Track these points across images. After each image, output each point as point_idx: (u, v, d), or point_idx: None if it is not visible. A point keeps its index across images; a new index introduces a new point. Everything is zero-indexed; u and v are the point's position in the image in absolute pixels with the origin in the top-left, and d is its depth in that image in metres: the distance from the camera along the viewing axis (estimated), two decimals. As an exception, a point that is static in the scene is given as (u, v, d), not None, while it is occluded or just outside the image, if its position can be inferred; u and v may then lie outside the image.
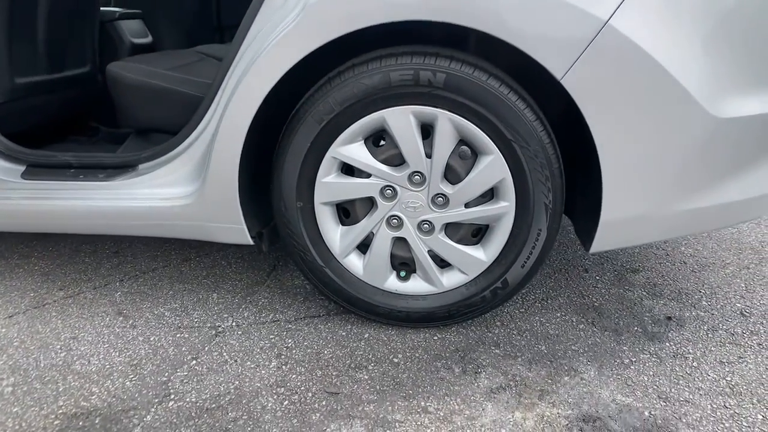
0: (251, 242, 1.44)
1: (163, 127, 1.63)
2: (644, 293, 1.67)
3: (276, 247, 1.94)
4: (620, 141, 1.18)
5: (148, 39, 2.34)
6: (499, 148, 1.25)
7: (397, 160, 1.32)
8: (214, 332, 1.48)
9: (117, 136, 2.06)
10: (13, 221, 1.55)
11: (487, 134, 1.24)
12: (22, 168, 1.56)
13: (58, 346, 1.43)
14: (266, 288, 1.71)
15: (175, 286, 1.72)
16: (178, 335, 1.47)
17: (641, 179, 1.22)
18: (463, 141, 1.29)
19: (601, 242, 1.32)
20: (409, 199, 1.33)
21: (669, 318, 1.53)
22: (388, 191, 1.33)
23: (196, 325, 1.52)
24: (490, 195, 1.34)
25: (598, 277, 1.76)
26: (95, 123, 2.31)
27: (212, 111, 1.38)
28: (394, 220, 1.36)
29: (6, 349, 1.42)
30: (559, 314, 1.56)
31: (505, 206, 1.30)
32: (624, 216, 1.26)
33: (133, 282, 1.75)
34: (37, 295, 1.67)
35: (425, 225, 1.36)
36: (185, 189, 1.43)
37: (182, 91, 1.56)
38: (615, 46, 1.11)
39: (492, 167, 1.27)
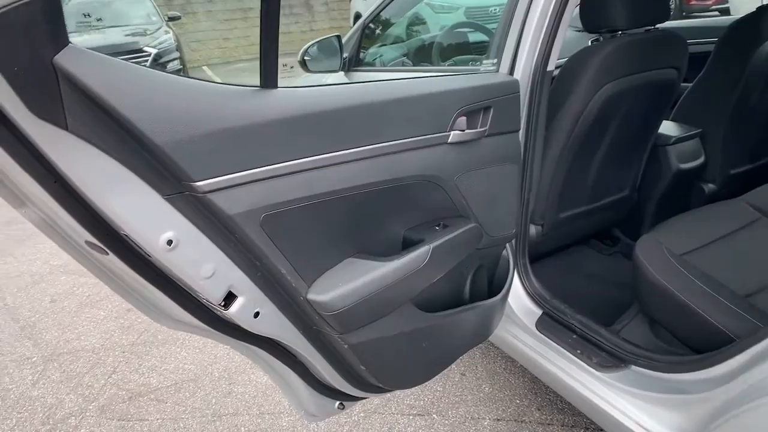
0: None
1: (677, 334, 1.50)
2: None
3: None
4: None
5: (699, 161, 2.11)
6: None
7: None
8: None
9: None
10: (522, 361, 1.79)
11: None
12: (539, 313, 1.76)
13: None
14: None
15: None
16: None
17: None
18: None
19: None
20: None
21: None
22: None
23: None
24: None
25: None
26: (618, 232, 2.36)
27: (735, 369, 1.18)
28: None
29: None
30: None
31: None
32: None
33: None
34: (521, 406, 1.98)
35: None
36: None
37: (711, 321, 1.36)
38: None
39: None
